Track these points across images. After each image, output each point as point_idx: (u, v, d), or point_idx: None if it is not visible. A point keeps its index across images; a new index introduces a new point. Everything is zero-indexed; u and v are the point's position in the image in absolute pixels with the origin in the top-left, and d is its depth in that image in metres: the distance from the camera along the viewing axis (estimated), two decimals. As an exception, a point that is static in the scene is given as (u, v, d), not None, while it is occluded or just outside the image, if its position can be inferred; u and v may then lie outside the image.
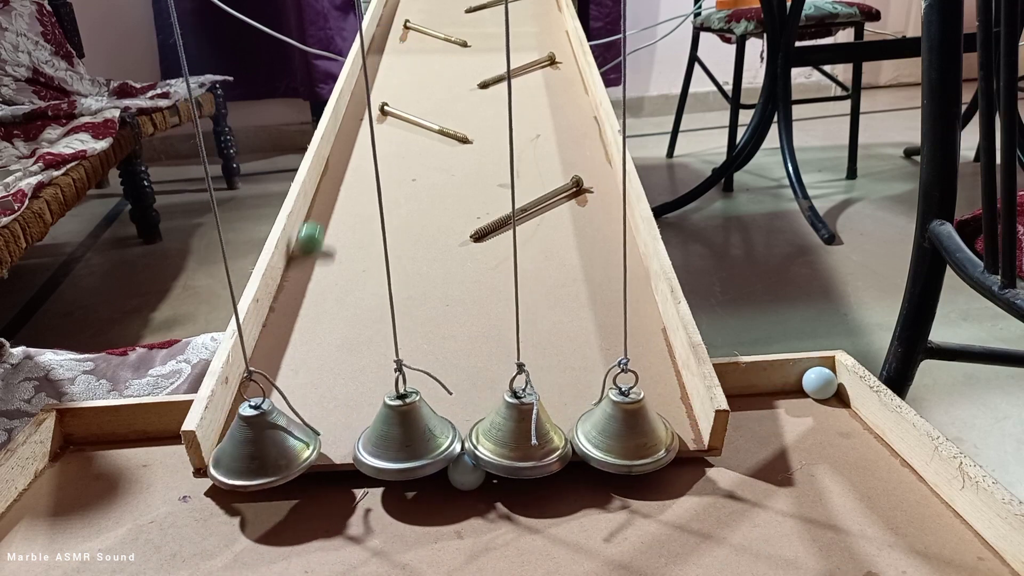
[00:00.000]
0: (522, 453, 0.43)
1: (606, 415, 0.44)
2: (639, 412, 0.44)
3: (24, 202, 1.17)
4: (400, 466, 0.42)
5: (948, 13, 0.65)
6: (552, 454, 0.43)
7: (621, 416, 0.43)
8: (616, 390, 0.44)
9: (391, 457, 0.43)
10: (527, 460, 0.43)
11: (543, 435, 0.43)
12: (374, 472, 0.43)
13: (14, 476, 0.46)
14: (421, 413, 0.44)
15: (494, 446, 0.43)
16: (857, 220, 1.80)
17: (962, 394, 1.09)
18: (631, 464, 0.43)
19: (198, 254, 1.81)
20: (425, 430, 0.43)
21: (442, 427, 0.45)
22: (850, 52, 2.09)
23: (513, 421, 0.43)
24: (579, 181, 0.74)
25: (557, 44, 1.11)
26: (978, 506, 0.40)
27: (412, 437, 0.43)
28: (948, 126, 0.68)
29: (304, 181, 0.72)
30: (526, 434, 0.42)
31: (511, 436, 0.43)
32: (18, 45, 1.89)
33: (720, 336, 1.30)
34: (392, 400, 0.43)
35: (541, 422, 0.43)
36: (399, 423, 0.43)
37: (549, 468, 0.43)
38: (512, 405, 0.43)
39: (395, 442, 0.43)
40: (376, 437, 0.43)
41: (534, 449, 0.43)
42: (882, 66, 3.25)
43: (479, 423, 0.46)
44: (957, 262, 0.68)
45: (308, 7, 2.55)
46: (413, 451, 0.43)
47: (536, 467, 0.43)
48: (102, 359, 0.74)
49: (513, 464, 0.42)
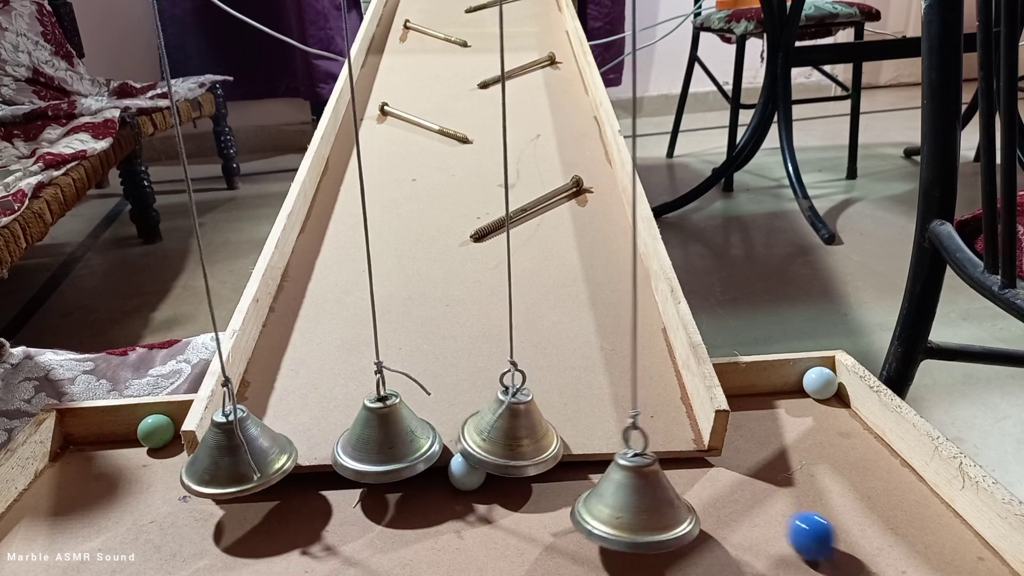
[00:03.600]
0: (511, 451, 0.43)
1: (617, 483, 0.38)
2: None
3: (24, 202, 1.17)
4: (380, 469, 0.42)
5: (948, 13, 0.65)
6: (541, 454, 0.43)
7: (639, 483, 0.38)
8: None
9: (371, 460, 0.42)
10: (516, 459, 0.42)
11: (535, 434, 0.43)
12: (354, 475, 0.42)
13: (14, 476, 0.46)
14: (401, 415, 0.43)
15: (484, 443, 0.43)
16: (857, 220, 1.81)
17: (962, 394, 1.09)
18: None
19: (198, 254, 1.81)
20: (405, 432, 0.43)
21: (422, 429, 0.44)
22: (850, 52, 2.09)
23: (503, 419, 0.43)
24: (579, 181, 0.74)
25: (557, 44, 1.11)
26: (978, 506, 0.40)
27: (392, 439, 0.42)
28: (948, 126, 0.68)
29: (304, 181, 0.72)
30: (515, 432, 0.42)
31: (500, 433, 0.43)
32: (18, 45, 1.89)
33: (720, 336, 1.30)
34: (372, 402, 0.43)
35: (533, 420, 0.43)
36: (379, 425, 0.42)
37: (537, 468, 0.43)
38: (502, 403, 0.43)
39: (375, 444, 0.42)
40: (355, 439, 0.43)
41: (524, 447, 0.43)
42: (882, 66, 3.25)
43: (471, 417, 0.46)
44: (957, 262, 0.68)
45: (308, 7, 2.55)
46: (393, 453, 0.42)
47: (525, 466, 0.43)
48: (102, 359, 0.74)
49: (501, 462, 0.42)
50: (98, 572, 0.40)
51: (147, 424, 0.49)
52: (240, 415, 0.41)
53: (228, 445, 0.41)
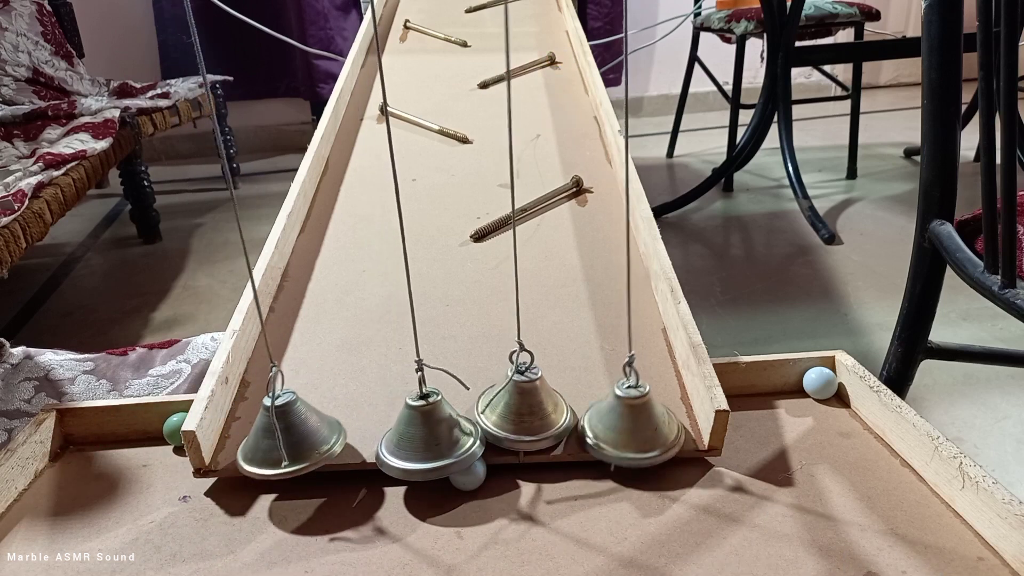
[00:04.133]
0: (523, 427, 0.44)
1: (611, 408, 0.45)
2: (645, 406, 0.44)
3: (24, 202, 1.17)
4: (426, 466, 0.43)
5: (948, 13, 0.65)
6: (550, 429, 0.45)
7: (626, 411, 0.44)
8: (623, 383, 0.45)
9: (417, 458, 0.43)
10: (527, 434, 0.44)
11: (541, 411, 0.45)
12: (401, 474, 0.43)
13: (14, 476, 0.46)
14: (443, 412, 0.44)
15: (497, 419, 0.45)
16: (857, 220, 1.81)
17: (962, 394, 1.09)
18: (634, 457, 0.44)
19: (198, 254, 1.81)
20: (448, 429, 0.44)
21: (464, 424, 0.45)
22: (850, 52, 2.09)
23: (514, 396, 0.45)
24: (579, 181, 0.74)
25: (557, 44, 1.11)
26: (978, 506, 0.40)
27: (437, 436, 0.43)
28: (948, 126, 0.68)
29: (304, 181, 0.72)
30: (526, 409, 0.44)
31: (507, 409, 0.45)
32: (18, 45, 1.89)
33: (720, 336, 1.30)
34: (415, 400, 0.43)
35: (540, 398, 0.45)
36: (422, 423, 0.43)
37: (541, 444, 0.45)
38: (513, 381, 0.45)
39: (419, 442, 0.43)
40: (399, 438, 0.44)
41: (535, 423, 0.44)
42: (882, 66, 3.25)
43: (483, 394, 0.47)
44: (957, 262, 0.68)
45: (308, 7, 2.55)
46: (439, 451, 0.43)
47: (533, 441, 0.44)
48: (102, 359, 0.74)
49: (512, 437, 0.44)
50: (98, 572, 0.39)
51: (172, 423, 0.49)
52: (289, 398, 0.43)
53: (275, 427, 0.43)
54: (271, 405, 0.42)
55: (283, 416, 0.43)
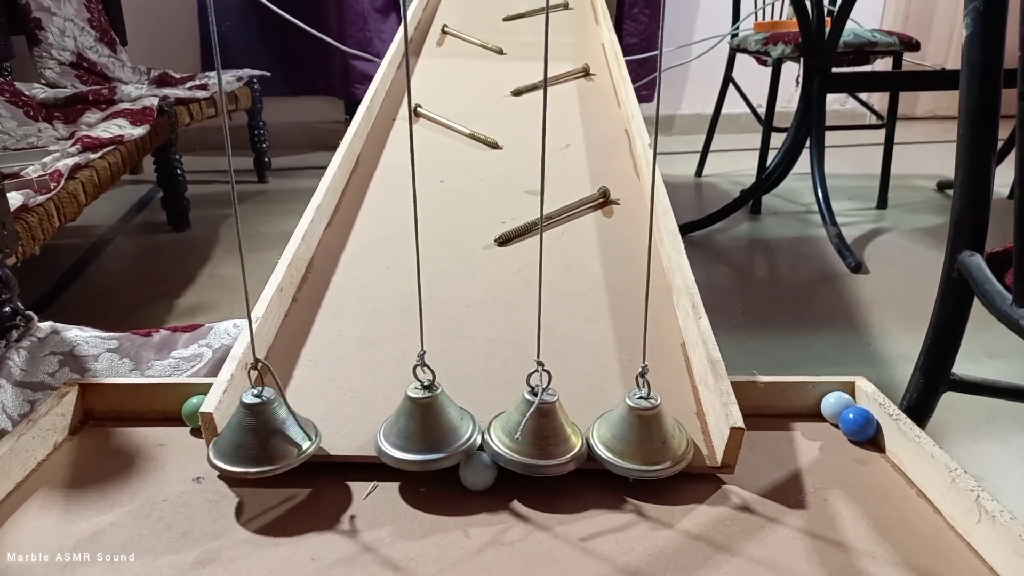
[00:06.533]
0: (537, 451, 0.43)
1: (621, 418, 0.44)
2: (655, 418, 0.44)
3: (60, 182, 1.19)
4: (422, 457, 0.43)
5: (989, 41, 0.65)
6: (568, 453, 0.43)
7: (636, 421, 0.43)
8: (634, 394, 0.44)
9: (413, 448, 0.43)
10: (543, 458, 0.43)
11: (560, 434, 0.44)
12: (396, 463, 0.43)
13: (34, 446, 0.47)
14: (443, 405, 0.44)
15: (511, 441, 0.44)
16: (885, 250, 1.78)
17: (985, 431, 1.07)
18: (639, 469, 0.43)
19: (225, 244, 1.83)
20: (447, 422, 0.44)
21: (463, 418, 0.45)
22: (887, 81, 2.07)
23: (530, 418, 0.43)
24: (606, 192, 0.74)
25: (592, 56, 1.11)
26: (995, 540, 0.39)
27: (435, 428, 0.43)
28: (983, 155, 0.68)
29: (334, 176, 0.73)
30: (541, 432, 0.43)
31: (527, 433, 0.43)
32: (64, 30, 1.93)
33: (739, 357, 1.29)
34: (415, 392, 0.44)
35: (559, 421, 0.44)
36: (421, 415, 0.43)
37: (564, 467, 0.43)
38: (529, 403, 0.43)
39: (417, 434, 0.43)
40: (398, 428, 0.44)
41: (551, 448, 0.43)
42: (919, 97, 3.21)
43: (497, 418, 0.46)
44: (985, 294, 0.67)
45: (349, 8, 2.58)
46: (436, 443, 0.43)
47: (551, 465, 0.43)
48: (126, 338, 0.75)
49: (527, 461, 0.43)
50: (109, 545, 0.40)
51: (191, 404, 0.50)
52: (268, 397, 0.43)
53: (253, 426, 0.42)
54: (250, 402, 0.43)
55: (258, 414, 0.43)
